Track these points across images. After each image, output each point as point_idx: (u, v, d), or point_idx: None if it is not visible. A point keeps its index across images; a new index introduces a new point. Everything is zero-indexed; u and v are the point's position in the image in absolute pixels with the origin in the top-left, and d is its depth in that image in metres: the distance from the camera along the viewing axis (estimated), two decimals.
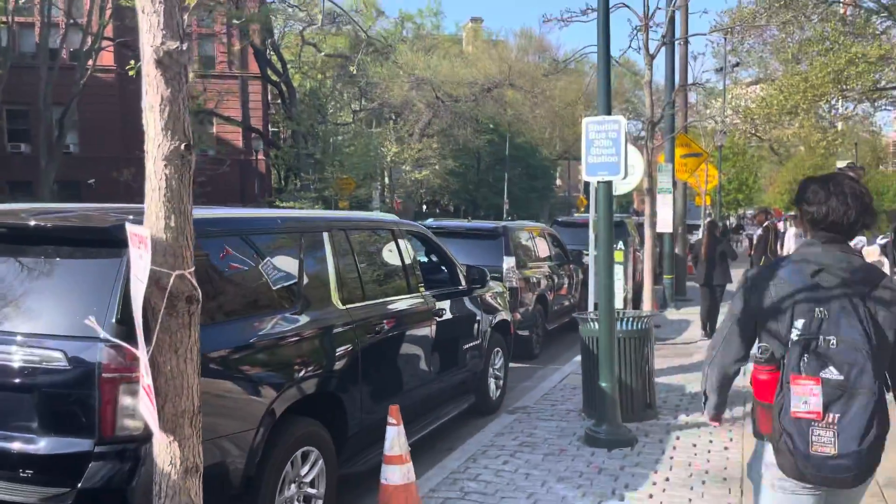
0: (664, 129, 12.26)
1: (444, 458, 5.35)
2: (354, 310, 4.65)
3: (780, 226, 18.73)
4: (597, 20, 5.55)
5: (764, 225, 11.18)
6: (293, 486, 3.91)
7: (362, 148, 32.94)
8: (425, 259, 6.81)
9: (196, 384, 1.96)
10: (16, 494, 2.97)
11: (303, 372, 4.01)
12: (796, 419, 2.16)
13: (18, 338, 3.07)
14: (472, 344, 6.34)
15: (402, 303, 5.32)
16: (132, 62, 2.49)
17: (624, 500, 4.44)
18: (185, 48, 1.73)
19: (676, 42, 12.93)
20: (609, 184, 5.49)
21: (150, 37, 1.75)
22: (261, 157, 33.29)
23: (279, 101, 33.41)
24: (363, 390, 4.61)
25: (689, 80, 13.79)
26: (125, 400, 3.01)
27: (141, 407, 2.07)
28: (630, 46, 9.65)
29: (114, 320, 3.05)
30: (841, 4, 19.00)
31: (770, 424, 2.27)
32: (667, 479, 4.79)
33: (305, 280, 4.31)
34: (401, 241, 5.64)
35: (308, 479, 4.02)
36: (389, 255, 5.53)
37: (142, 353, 1.85)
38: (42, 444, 3.04)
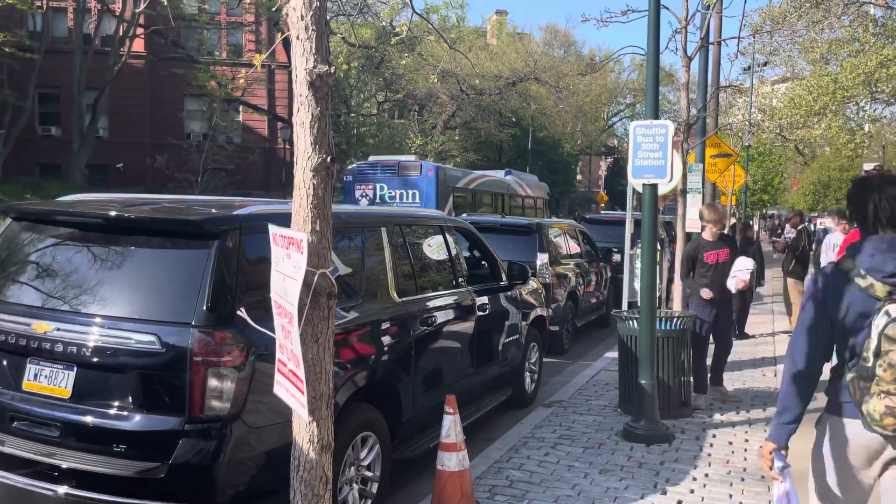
0: (696, 130, 12.31)
1: (485, 448, 5.53)
2: (409, 303, 4.84)
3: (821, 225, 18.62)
4: (647, 24, 5.66)
5: (798, 228, 11.24)
6: (353, 468, 4.11)
7: (386, 139, 33.14)
8: (468, 254, 6.98)
9: (331, 370, 2.15)
10: (113, 467, 3.19)
11: (365, 361, 4.21)
12: None
13: (116, 321, 3.29)
14: (511, 338, 6.52)
15: (449, 297, 5.49)
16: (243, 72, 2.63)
17: (666, 494, 4.60)
18: (332, 71, 1.90)
19: (711, 44, 12.94)
20: (655, 187, 5.62)
21: (304, 60, 1.92)
22: (287, 145, 33.55)
23: None
24: (415, 380, 4.80)
25: (722, 82, 13.79)
26: (213, 382, 3.22)
27: (279, 391, 2.26)
28: (667, 48, 9.71)
29: (204, 308, 3.25)
30: (872, 5, 18.86)
31: None
32: (706, 476, 4.94)
33: (366, 273, 4.50)
34: (448, 237, 5.82)
35: (366, 463, 4.22)
36: (438, 250, 5.71)
37: (288, 342, 2.03)
38: (135, 421, 3.25)
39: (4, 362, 3.55)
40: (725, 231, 7.76)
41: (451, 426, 4.18)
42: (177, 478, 3.15)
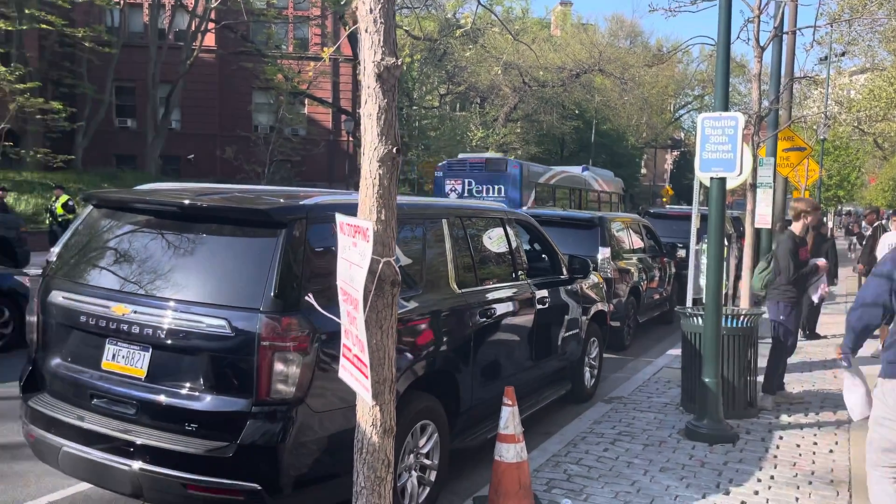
0: (768, 122, 11.92)
1: (542, 442, 5.52)
2: (468, 294, 4.86)
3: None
4: (718, 13, 5.51)
5: (874, 225, 10.76)
6: (412, 456, 4.17)
7: (448, 132, 33.21)
8: (528, 247, 6.95)
9: (393, 356, 2.20)
10: (184, 445, 3.33)
11: (425, 350, 4.26)
12: None
13: (188, 306, 3.42)
14: (571, 332, 6.47)
15: (509, 289, 5.49)
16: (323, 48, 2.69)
17: (729, 495, 4.51)
18: (399, 63, 1.93)
19: (785, 34, 12.49)
20: (723, 180, 5.48)
21: (371, 53, 1.96)
22: (349, 138, 34.04)
23: None
24: (474, 370, 4.83)
25: (796, 73, 13.29)
26: (279, 366, 3.32)
27: (344, 375, 2.32)
28: (738, 37, 9.42)
29: (272, 294, 3.35)
30: None
31: None
32: (771, 478, 4.81)
33: (427, 264, 4.54)
34: (509, 229, 5.81)
35: (425, 451, 4.27)
36: (498, 242, 5.71)
37: (353, 328, 2.09)
38: (206, 402, 3.38)
39: (85, 343, 3.74)
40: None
41: (510, 418, 4.19)
42: (244, 457, 3.26)
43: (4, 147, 19.96)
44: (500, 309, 5.23)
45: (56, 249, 4.17)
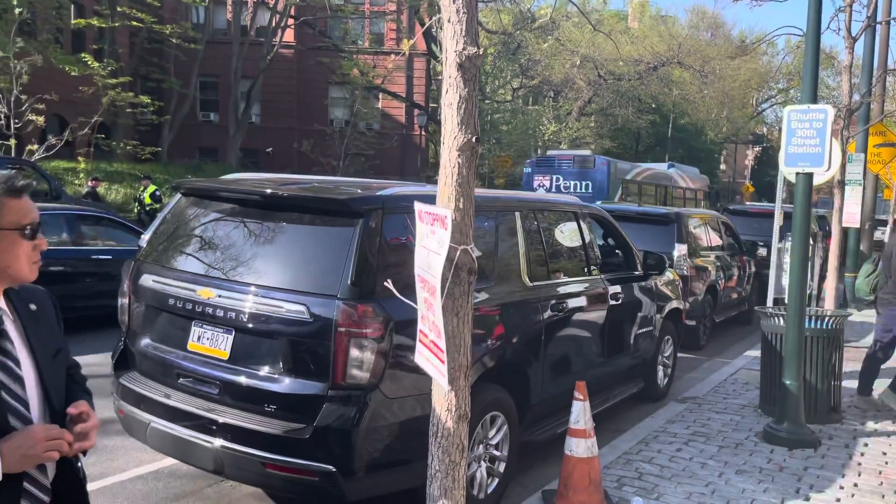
0: (858, 116, 11.36)
1: (613, 439, 5.46)
2: (540, 287, 4.85)
3: None
4: (807, 2, 5.29)
5: None
6: (481, 446, 4.20)
7: (520, 126, 33.01)
8: (602, 242, 6.87)
9: (469, 343, 2.23)
10: (263, 425, 3.46)
11: (495, 342, 4.27)
12: None
13: (269, 291, 3.54)
14: (644, 330, 6.36)
15: (581, 284, 5.44)
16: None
17: (809, 501, 4.35)
18: (481, 53, 1.95)
19: (878, 23, 11.87)
20: (809, 176, 5.27)
21: (454, 43, 1.99)
22: (422, 132, 34.30)
23: (440, 76, 34.18)
24: (544, 364, 4.81)
25: (890, 65, 12.60)
26: (354, 352, 3.40)
27: (420, 360, 2.37)
28: (828, 27, 9.01)
29: (349, 282, 3.43)
30: None
31: None
32: (855, 486, 4.62)
33: (499, 256, 4.55)
34: (582, 224, 5.75)
35: (494, 442, 4.29)
36: (571, 236, 5.66)
37: (430, 314, 2.13)
38: (284, 384, 3.50)
39: (173, 324, 3.92)
40: (886, 228, 7.11)
41: (581, 412, 4.16)
42: (320, 439, 3.36)
43: (97, 139, 21.04)
44: (572, 303, 5.18)
45: (146, 236, 4.39)
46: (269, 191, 3.74)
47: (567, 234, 5.63)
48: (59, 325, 1.85)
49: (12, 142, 16.27)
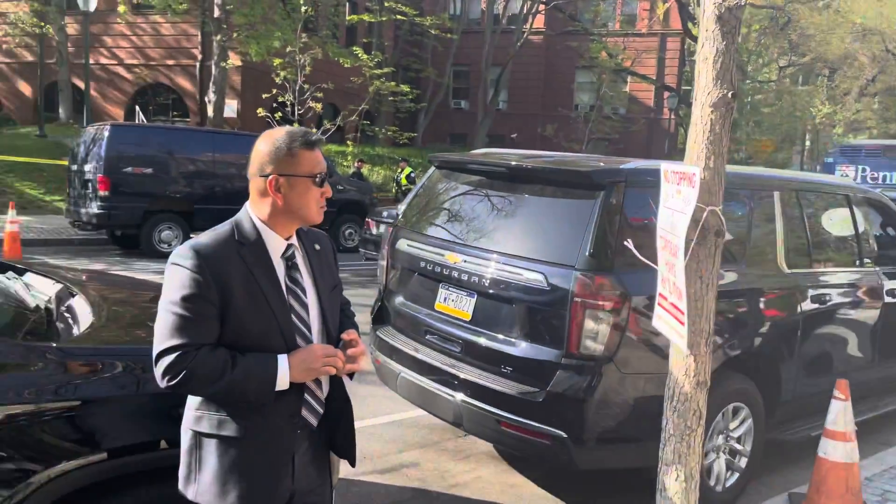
0: None
1: (879, 451, 4.85)
2: (799, 275, 4.44)
3: None
4: None
5: None
6: (721, 437, 3.99)
7: (786, 107, 30.04)
8: (880, 231, 6.07)
9: (713, 308, 2.16)
10: (500, 385, 3.62)
11: (743, 329, 4.01)
12: None
13: (510, 259, 3.69)
14: None
15: (850, 275, 4.88)
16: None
17: None
18: (742, 4, 1.86)
19: None
20: None
21: None
22: (671, 115, 32.78)
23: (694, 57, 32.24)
24: (799, 359, 4.41)
25: None
26: (589, 323, 3.41)
27: (658, 323, 2.35)
28: None
29: (587, 253, 3.45)
30: None
31: None
32: None
33: (752, 238, 4.25)
34: (856, 209, 5.14)
35: (736, 435, 4.05)
36: (841, 222, 5.08)
37: (672, 276, 2.10)
38: (521, 348, 3.63)
39: (423, 286, 4.25)
40: None
41: (840, 413, 3.75)
42: (553, 405, 3.44)
43: (363, 125, 23.19)
44: (837, 296, 4.67)
45: (402, 207, 4.80)
46: (513, 163, 3.88)
47: (836, 221, 5.07)
48: (335, 265, 2.13)
49: (296, 125, 18.53)
